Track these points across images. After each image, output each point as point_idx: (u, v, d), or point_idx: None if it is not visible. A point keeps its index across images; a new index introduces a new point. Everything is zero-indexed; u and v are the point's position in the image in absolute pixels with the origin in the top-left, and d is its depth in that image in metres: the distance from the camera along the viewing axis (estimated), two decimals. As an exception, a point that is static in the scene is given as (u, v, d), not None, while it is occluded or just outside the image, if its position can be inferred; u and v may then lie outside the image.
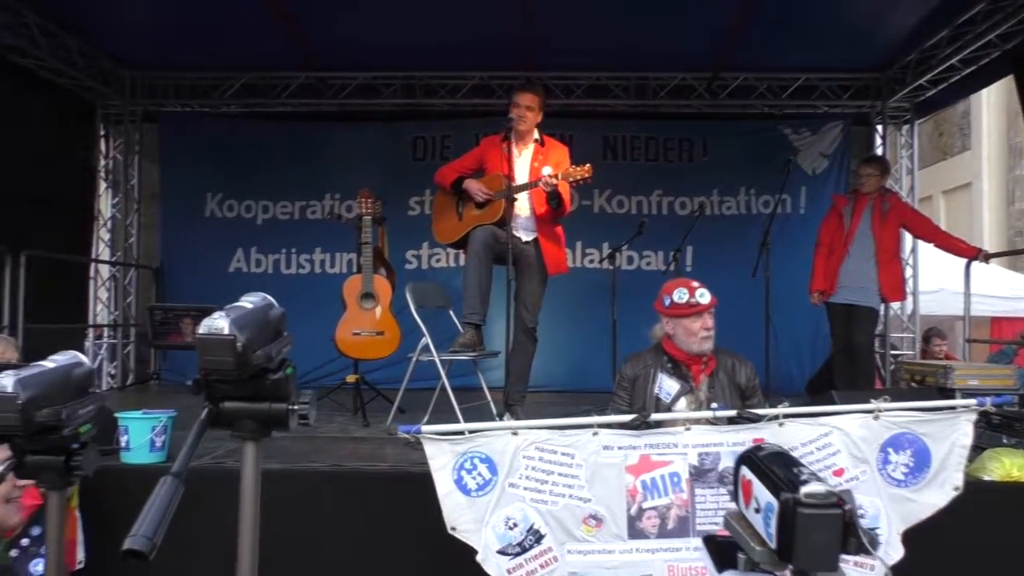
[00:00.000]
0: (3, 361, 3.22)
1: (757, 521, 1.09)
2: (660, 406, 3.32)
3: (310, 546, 3.18)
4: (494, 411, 4.48)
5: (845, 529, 1.01)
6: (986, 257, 5.70)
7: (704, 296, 3.33)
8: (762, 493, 1.08)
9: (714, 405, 3.19)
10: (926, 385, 4.88)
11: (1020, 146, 14.32)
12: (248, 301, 1.08)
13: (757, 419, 2.70)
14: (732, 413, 2.80)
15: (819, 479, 1.04)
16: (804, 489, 1.01)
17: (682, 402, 3.33)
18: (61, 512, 1.12)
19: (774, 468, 1.09)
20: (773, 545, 1.05)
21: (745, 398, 3.39)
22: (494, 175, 4.55)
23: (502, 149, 4.50)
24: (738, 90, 7.49)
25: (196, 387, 1.02)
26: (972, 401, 2.73)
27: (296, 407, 1.07)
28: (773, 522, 1.04)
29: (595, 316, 6.76)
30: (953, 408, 2.74)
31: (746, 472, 1.14)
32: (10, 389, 1.01)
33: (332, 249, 7.63)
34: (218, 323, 0.98)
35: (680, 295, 3.36)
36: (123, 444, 3.33)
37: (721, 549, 1.16)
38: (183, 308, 4.38)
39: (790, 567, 1.04)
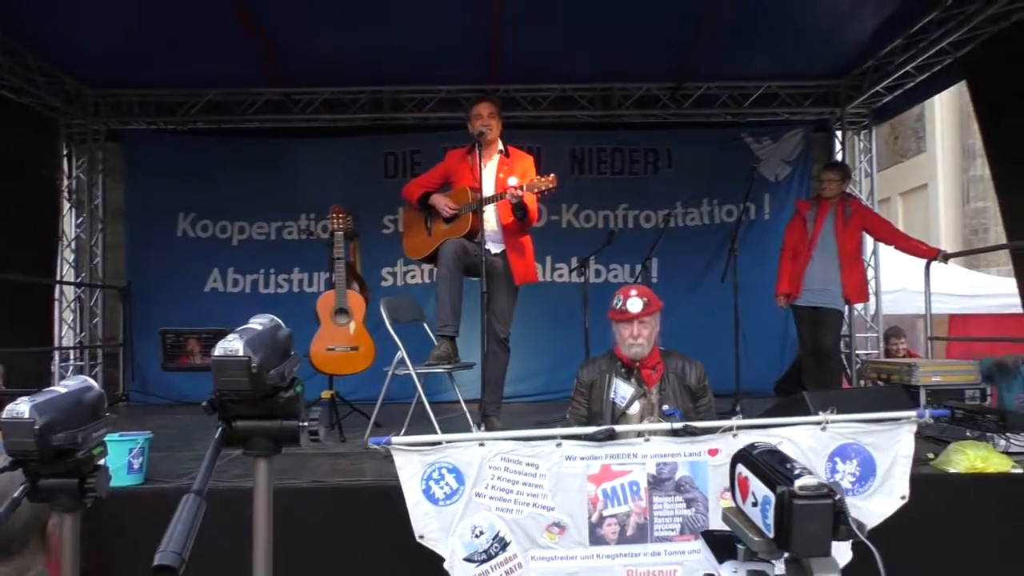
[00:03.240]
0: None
1: (755, 514, 1.17)
2: (616, 410, 3.46)
3: (294, 561, 3.18)
4: (471, 421, 4.51)
5: (835, 517, 1.09)
6: (945, 257, 5.86)
7: (634, 305, 3.47)
8: (759, 488, 1.16)
9: (665, 407, 3.33)
10: (891, 383, 5.02)
11: (973, 147, 14.77)
12: (257, 323, 1.12)
13: (699, 432, 2.82)
14: (690, 427, 2.89)
15: (811, 473, 1.12)
16: (798, 482, 1.10)
17: (636, 405, 3.46)
18: (75, 535, 1.14)
19: (770, 464, 1.17)
20: (770, 535, 1.13)
21: (696, 398, 3.53)
22: (460, 188, 4.60)
23: (468, 162, 4.56)
24: (701, 99, 7.62)
25: (210, 407, 1.06)
26: (912, 413, 2.87)
27: (306, 423, 1.11)
28: (770, 514, 1.12)
29: (566, 328, 6.80)
30: (896, 420, 2.86)
31: (742, 470, 1.22)
32: (27, 415, 1.03)
33: (310, 269, 7.60)
34: (233, 345, 1.01)
35: (617, 301, 3.55)
36: (101, 467, 3.31)
37: (720, 542, 1.24)
38: (190, 331, 4.38)
39: (786, 554, 1.11)
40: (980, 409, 4.29)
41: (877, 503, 2.79)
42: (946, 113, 15.70)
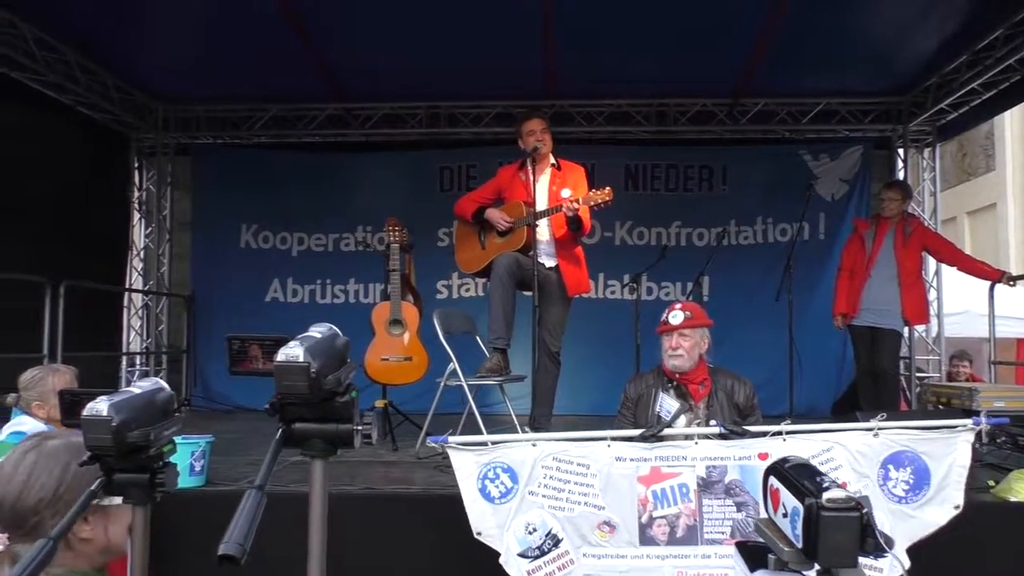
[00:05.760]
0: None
1: (785, 525, 1.19)
2: (661, 424, 3.45)
3: (346, 565, 3.24)
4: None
5: (863, 530, 1.11)
6: (1010, 279, 5.69)
7: (676, 317, 3.53)
8: (789, 500, 1.18)
9: (712, 423, 3.31)
10: (951, 407, 4.89)
11: (1044, 167, 14.26)
12: (317, 331, 1.19)
13: (746, 434, 2.83)
14: (734, 429, 2.93)
15: (839, 486, 1.14)
16: (826, 495, 1.12)
17: (682, 420, 3.47)
18: (145, 527, 1.22)
19: (799, 477, 1.19)
20: (799, 545, 1.15)
21: (744, 417, 3.51)
22: (514, 203, 4.66)
23: (520, 177, 4.62)
24: (759, 115, 7.57)
25: (271, 410, 1.13)
26: (968, 421, 2.81)
27: (360, 427, 1.17)
28: (799, 525, 1.14)
29: (618, 345, 6.79)
30: (952, 427, 2.80)
31: (774, 482, 1.24)
32: (105, 413, 1.12)
33: (365, 280, 7.79)
34: (294, 351, 1.08)
35: (663, 315, 3.62)
36: (164, 468, 3.44)
37: (752, 552, 1.26)
38: (253, 337, 4.58)
39: (816, 565, 1.13)
40: (1045, 436, 4.15)
41: (930, 512, 2.74)
42: (1017, 130, 15.21)
